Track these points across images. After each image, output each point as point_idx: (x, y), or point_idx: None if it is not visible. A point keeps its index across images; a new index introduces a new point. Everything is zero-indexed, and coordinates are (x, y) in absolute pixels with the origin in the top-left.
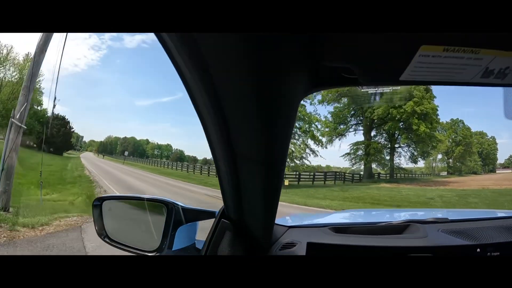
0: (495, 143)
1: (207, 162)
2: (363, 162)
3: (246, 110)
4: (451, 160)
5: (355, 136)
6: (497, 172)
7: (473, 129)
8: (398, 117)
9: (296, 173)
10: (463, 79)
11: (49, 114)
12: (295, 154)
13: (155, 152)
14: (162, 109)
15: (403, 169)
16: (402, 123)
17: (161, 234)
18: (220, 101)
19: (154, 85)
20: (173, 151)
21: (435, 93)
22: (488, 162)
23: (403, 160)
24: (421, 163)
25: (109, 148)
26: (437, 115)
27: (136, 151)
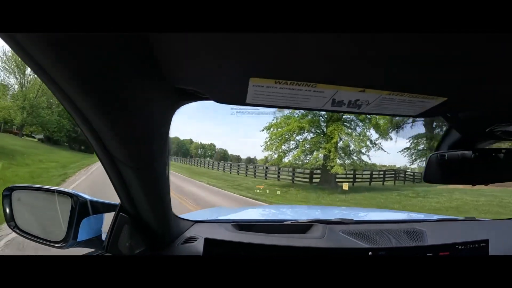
0: None
1: (250, 161)
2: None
3: (115, 122)
4: None
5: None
6: None
7: None
8: None
9: (353, 172)
10: (316, 106)
11: None
12: (352, 148)
13: (199, 152)
14: (204, 108)
15: None
16: None
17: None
18: (89, 109)
19: None
20: (216, 150)
21: None
22: None
23: None
24: None
25: None
26: None
27: (179, 150)
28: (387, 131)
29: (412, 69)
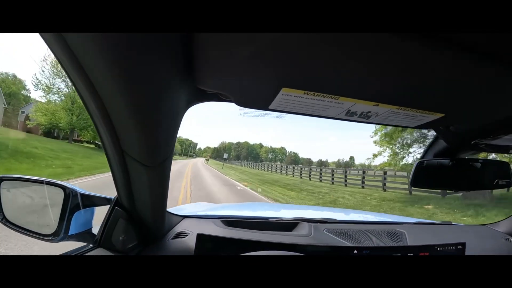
0: None
1: (322, 164)
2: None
3: (130, 118)
4: None
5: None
6: None
7: None
8: None
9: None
10: (331, 114)
11: None
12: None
13: (269, 156)
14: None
15: None
16: None
17: (58, 218)
18: (106, 108)
19: None
20: (287, 153)
21: None
22: None
23: None
24: None
25: (222, 153)
26: None
27: (250, 155)
28: None
29: (419, 89)
